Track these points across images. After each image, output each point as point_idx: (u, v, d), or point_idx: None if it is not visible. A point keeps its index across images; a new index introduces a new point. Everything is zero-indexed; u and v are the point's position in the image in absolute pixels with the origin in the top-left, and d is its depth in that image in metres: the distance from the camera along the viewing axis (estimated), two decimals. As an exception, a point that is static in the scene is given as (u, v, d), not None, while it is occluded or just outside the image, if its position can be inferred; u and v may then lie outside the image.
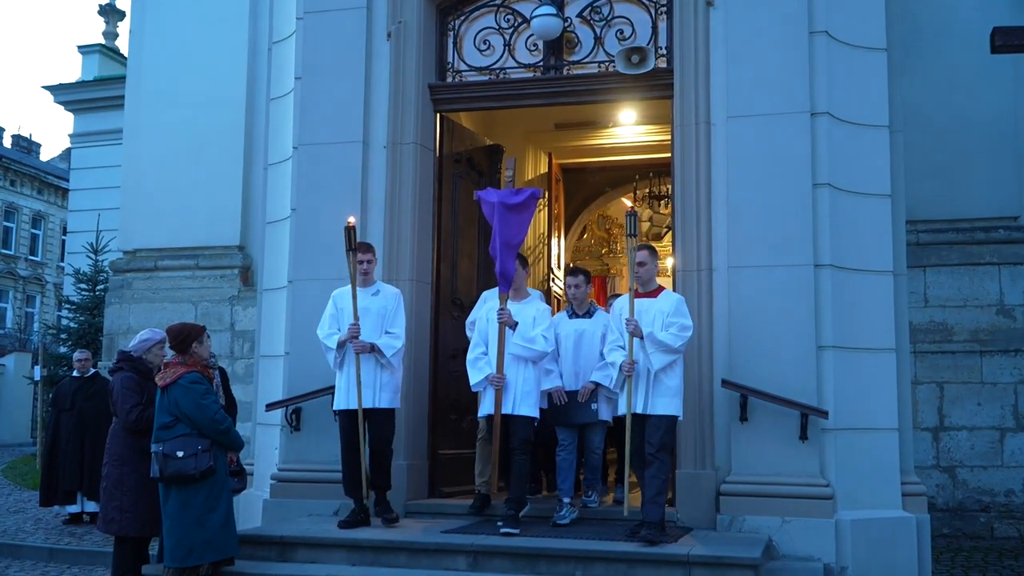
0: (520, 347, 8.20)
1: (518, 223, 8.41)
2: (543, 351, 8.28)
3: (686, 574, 7.08)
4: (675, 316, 7.68)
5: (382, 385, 8.35)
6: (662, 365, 7.59)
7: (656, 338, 7.57)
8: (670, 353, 7.60)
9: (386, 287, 8.68)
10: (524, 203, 8.41)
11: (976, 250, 11.59)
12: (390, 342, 8.36)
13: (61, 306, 21.16)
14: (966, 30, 11.63)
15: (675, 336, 7.59)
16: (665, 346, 7.56)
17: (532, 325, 8.31)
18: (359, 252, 8.38)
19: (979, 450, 11.26)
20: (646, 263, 7.87)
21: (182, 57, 13.30)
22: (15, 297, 45.20)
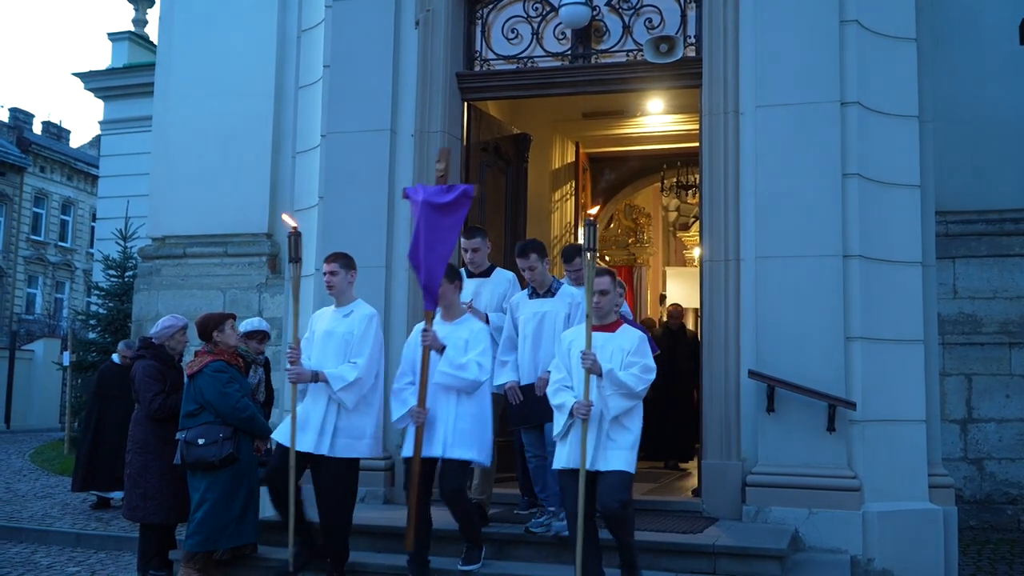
0: (447, 375, 6.91)
1: (447, 227, 7.15)
2: (476, 380, 6.94)
3: (711, 565, 7.09)
4: (637, 355, 6.59)
5: (336, 428, 7.12)
6: (619, 411, 6.47)
7: (617, 377, 6.44)
8: (630, 398, 6.49)
9: (362, 307, 7.42)
10: (455, 203, 7.14)
11: (1006, 241, 11.51)
12: (341, 373, 7.09)
13: (90, 292, 21.27)
14: (995, 22, 11.55)
15: (637, 378, 6.47)
16: (626, 388, 6.45)
17: (464, 349, 7.02)
18: (326, 263, 7.43)
19: (1007, 442, 11.19)
20: (608, 292, 6.71)
21: (211, 45, 13.34)
22: (45, 283, 45.57)
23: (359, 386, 7.11)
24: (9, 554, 9.96)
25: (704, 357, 8.50)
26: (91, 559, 9.80)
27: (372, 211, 9.18)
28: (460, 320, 7.27)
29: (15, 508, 12.22)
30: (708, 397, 8.41)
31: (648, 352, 6.67)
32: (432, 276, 7.04)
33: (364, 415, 7.21)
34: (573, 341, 6.72)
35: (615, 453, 6.47)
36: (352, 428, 7.14)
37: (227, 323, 7.86)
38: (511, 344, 7.78)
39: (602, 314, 6.71)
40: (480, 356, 7.00)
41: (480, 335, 7.14)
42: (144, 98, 17.35)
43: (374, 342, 7.25)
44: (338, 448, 7.10)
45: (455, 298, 7.32)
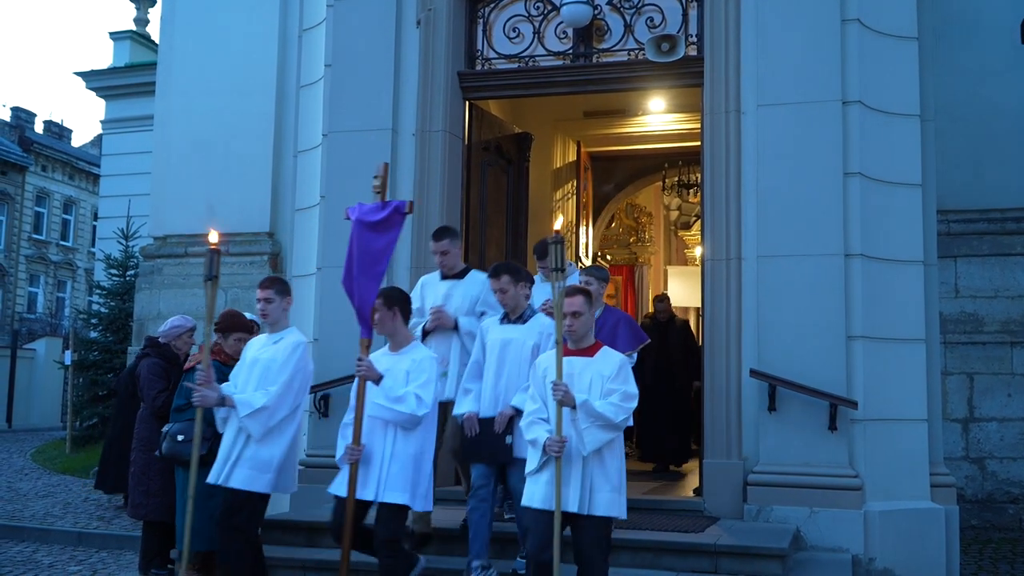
0: (381, 408, 6.32)
1: (380, 247, 6.67)
2: (412, 414, 6.27)
3: (713, 564, 7.09)
4: (617, 381, 5.93)
5: (239, 458, 6.68)
6: (597, 445, 5.82)
7: (593, 408, 5.80)
8: (609, 430, 5.82)
9: (291, 335, 6.98)
10: (387, 220, 6.68)
11: (1007, 240, 11.50)
12: (249, 399, 6.66)
13: (92, 291, 21.30)
14: (997, 20, 11.56)
15: (616, 407, 5.82)
16: (604, 419, 5.79)
17: (405, 380, 6.40)
18: (260, 289, 7.06)
19: (1009, 441, 11.18)
20: (581, 313, 6.06)
21: (212, 44, 13.32)
22: (46, 282, 45.60)
23: (267, 415, 6.64)
24: (11, 553, 9.97)
25: (705, 356, 8.49)
26: (92, 558, 9.81)
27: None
28: (405, 349, 6.63)
29: (17, 507, 12.23)
30: (709, 396, 8.41)
31: (630, 378, 6.01)
32: (364, 300, 6.57)
33: (272, 447, 6.70)
34: (548, 368, 6.04)
35: (603, 496, 5.85)
36: (257, 459, 6.67)
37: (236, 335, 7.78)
38: (477, 370, 7.06)
39: (577, 337, 6.08)
40: (421, 388, 6.33)
41: (423, 365, 6.46)
42: (146, 97, 17.34)
43: (294, 371, 6.79)
44: (235, 478, 6.64)
45: (396, 325, 6.64)
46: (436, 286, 7.68)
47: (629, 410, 5.87)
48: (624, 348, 7.43)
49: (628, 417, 5.86)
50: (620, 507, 5.95)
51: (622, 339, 7.69)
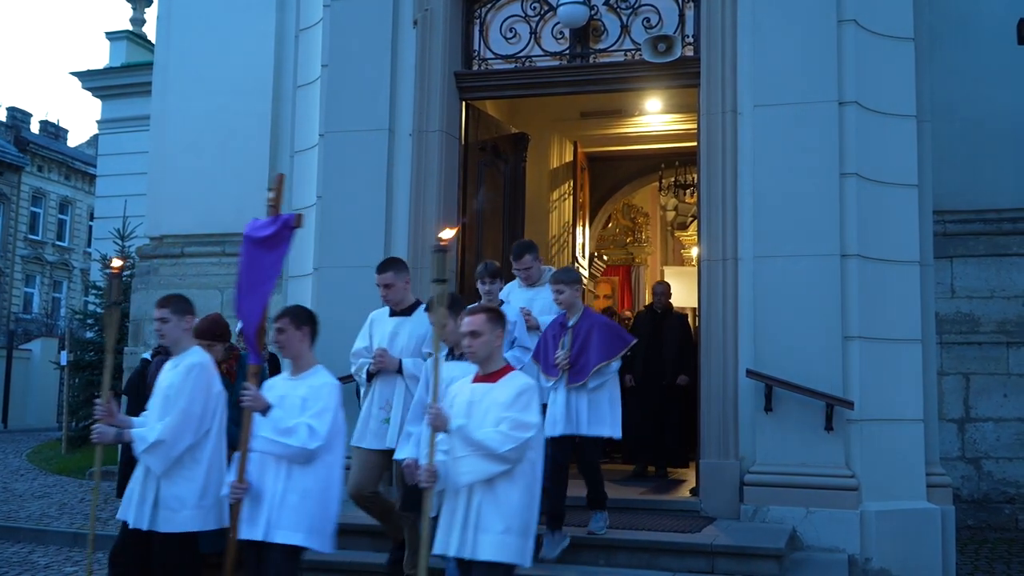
0: (267, 441, 5.62)
1: (268, 264, 6.02)
2: (302, 448, 5.54)
3: (709, 564, 7.10)
4: (513, 408, 5.11)
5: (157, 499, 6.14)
6: (477, 477, 5.05)
7: (470, 435, 5.06)
8: (493, 461, 5.01)
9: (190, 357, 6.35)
10: (276, 236, 5.99)
11: (1003, 241, 11.50)
12: (144, 433, 6.13)
13: (88, 291, 21.30)
14: (993, 21, 11.55)
15: (502, 436, 5.01)
16: (484, 448, 5.02)
17: (300, 409, 5.71)
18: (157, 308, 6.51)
19: (1005, 441, 11.19)
20: (480, 334, 5.31)
21: (209, 44, 13.32)
22: (42, 282, 45.55)
23: (165, 449, 6.04)
24: (6, 554, 9.95)
25: (702, 356, 8.50)
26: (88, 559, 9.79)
27: (370, 210, 9.19)
28: (305, 374, 5.91)
29: (12, 508, 12.20)
30: (706, 396, 8.41)
31: (532, 406, 5.18)
32: (250, 322, 5.97)
33: (182, 482, 6.13)
34: (458, 395, 5.42)
35: (490, 539, 5.02)
36: (169, 498, 6.10)
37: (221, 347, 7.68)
38: (420, 412, 6.06)
39: (477, 360, 5.37)
40: (315, 418, 5.63)
41: (321, 392, 5.76)
42: (142, 97, 17.31)
43: (192, 397, 6.15)
44: (160, 521, 6.10)
45: (303, 348, 5.96)
46: (384, 323, 7.23)
47: (519, 440, 4.99)
48: (596, 359, 7.26)
49: (518, 448, 4.99)
50: (517, 552, 5.04)
51: (594, 348, 7.28)
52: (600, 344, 7.32)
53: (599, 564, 7.29)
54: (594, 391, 7.30)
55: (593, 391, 7.29)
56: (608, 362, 7.33)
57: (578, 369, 7.28)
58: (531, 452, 5.12)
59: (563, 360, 7.29)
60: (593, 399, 7.29)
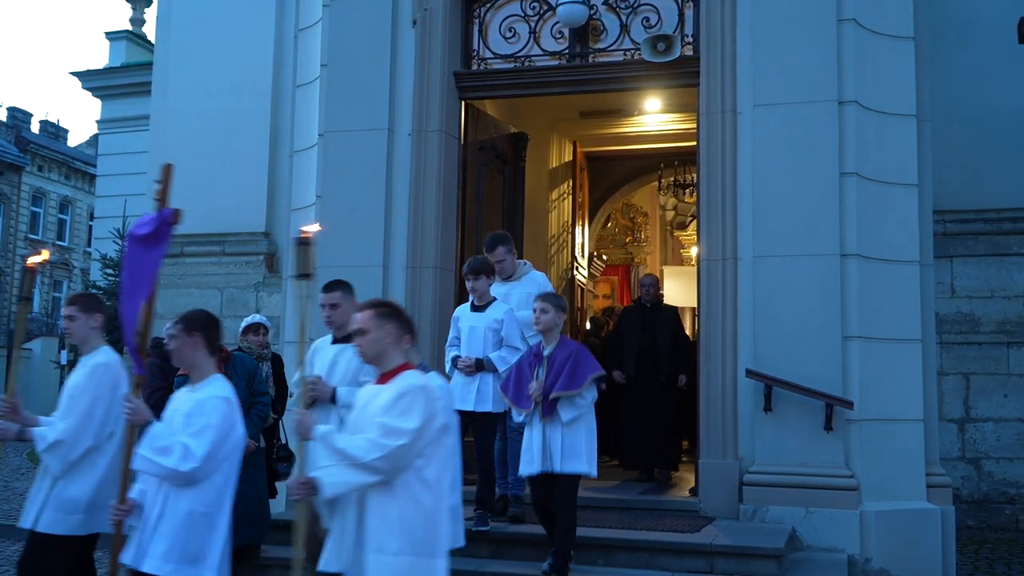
0: (142, 460, 4.95)
1: (149, 263, 5.49)
2: (173, 469, 4.88)
3: (709, 564, 7.09)
4: (389, 413, 4.57)
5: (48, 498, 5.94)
6: (341, 490, 4.56)
7: (333, 443, 4.59)
8: (358, 471, 4.49)
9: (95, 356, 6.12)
10: (156, 233, 5.44)
11: (1003, 240, 11.50)
12: (44, 432, 5.94)
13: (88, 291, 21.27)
14: (994, 20, 11.54)
15: (370, 444, 4.49)
16: (348, 458, 4.51)
17: (182, 426, 5.08)
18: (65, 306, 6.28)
19: (1005, 442, 11.18)
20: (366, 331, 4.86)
21: (209, 44, 13.32)
22: (42, 282, 45.50)
23: (64, 449, 5.81)
24: (8, 552, 9.95)
25: (701, 356, 8.49)
26: (88, 558, 9.78)
27: (369, 210, 9.18)
28: (199, 385, 5.28)
29: (13, 506, 12.19)
30: (705, 396, 8.40)
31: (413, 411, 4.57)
32: (130, 327, 5.39)
33: (78, 484, 5.85)
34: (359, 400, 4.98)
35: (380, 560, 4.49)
36: (62, 499, 5.85)
37: None
38: None
39: (367, 359, 4.91)
40: (193, 437, 4.95)
41: (205, 408, 5.08)
42: (142, 97, 17.30)
43: (95, 398, 5.91)
44: (43, 522, 5.87)
45: (196, 356, 5.34)
46: (325, 351, 6.64)
47: (386, 448, 4.46)
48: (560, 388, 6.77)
49: (387, 457, 4.46)
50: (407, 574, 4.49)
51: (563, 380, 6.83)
52: (570, 373, 6.85)
53: (598, 564, 7.28)
54: (569, 424, 6.80)
55: (569, 424, 6.80)
56: (572, 392, 6.78)
57: (551, 403, 6.83)
58: (421, 461, 4.56)
59: (536, 392, 6.84)
60: (568, 433, 6.81)
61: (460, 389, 7.58)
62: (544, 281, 8.39)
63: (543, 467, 6.84)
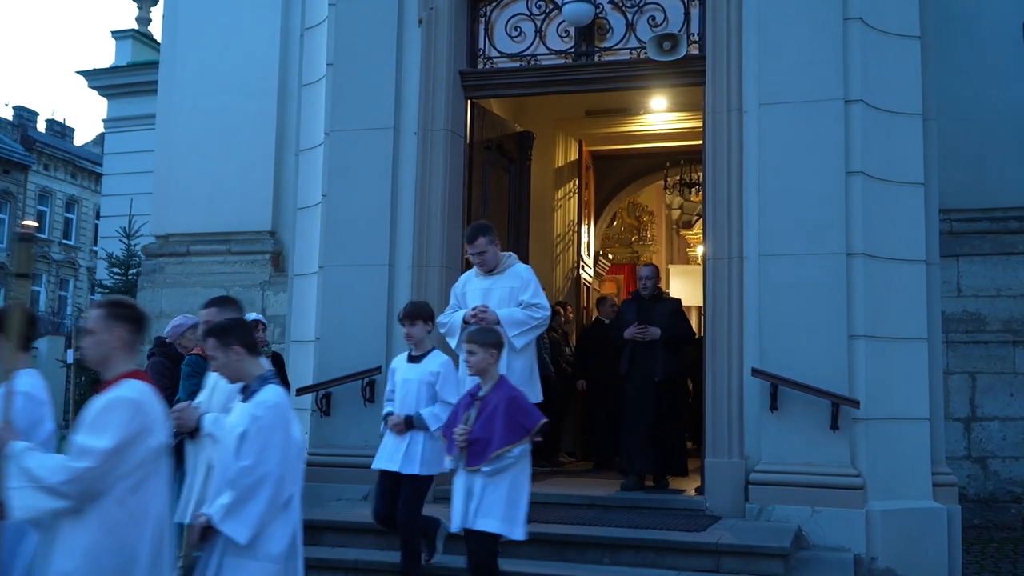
0: None
1: None
2: None
3: (715, 563, 7.09)
4: (84, 430, 4.09)
5: None
6: (26, 515, 4.08)
7: (20, 463, 4.08)
8: (45, 495, 4.00)
9: None
10: None
11: (1010, 239, 11.50)
12: None
13: (94, 290, 21.27)
14: (1000, 19, 11.56)
15: (58, 465, 4.04)
16: (34, 479, 4.03)
17: None
18: None
19: (1011, 441, 11.18)
20: (95, 332, 4.33)
21: (215, 43, 13.35)
22: (48, 281, 45.59)
23: None
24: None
25: (707, 355, 8.48)
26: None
27: (375, 209, 9.19)
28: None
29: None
30: (711, 395, 8.40)
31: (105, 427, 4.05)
32: None
33: None
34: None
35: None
36: None
37: None
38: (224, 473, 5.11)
39: (92, 363, 4.40)
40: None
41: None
42: (148, 96, 17.31)
43: None
44: None
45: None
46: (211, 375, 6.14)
47: (72, 470, 3.97)
48: (497, 443, 6.06)
49: (74, 481, 3.96)
50: None
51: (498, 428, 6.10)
52: (504, 424, 6.11)
53: (604, 563, 7.28)
54: (493, 476, 6.09)
55: (492, 476, 6.09)
56: (509, 447, 6.07)
57: (477, 450, 6.10)
58: (124, 485, 4.05)
59: (461, 437, 6.14)
60: (490, 486, 6.10)
61: (388, 448, 7.05)
62: (528, 275, 7.79)
63: (463, 522, 6.17)
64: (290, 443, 4.60)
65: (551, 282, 13.05)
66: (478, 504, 6.09)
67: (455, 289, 7.99)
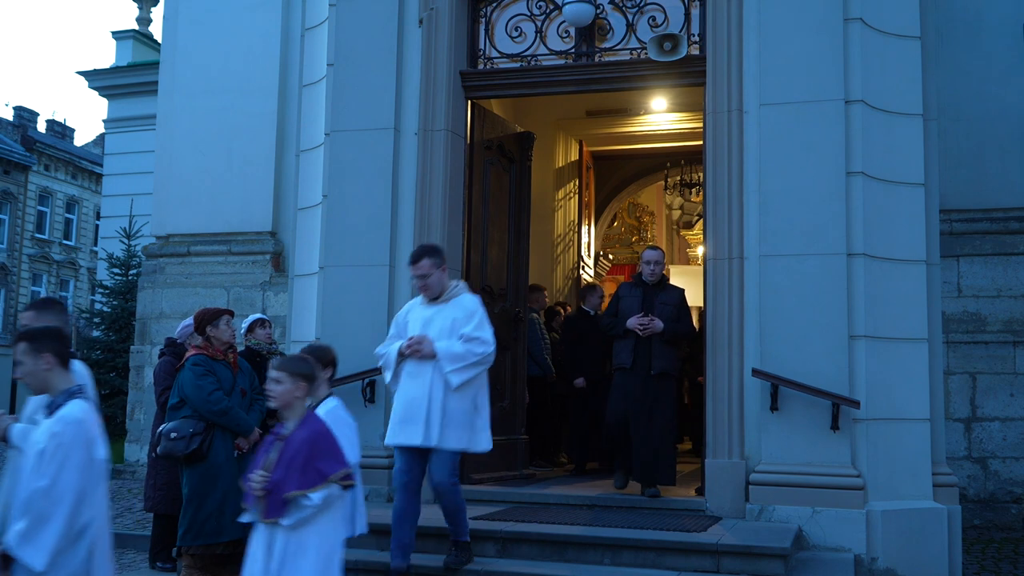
0: None
1: None
2: None
3: (715, 563, 7.09)
4: None
5: None
6: None
7: None
8: None
9: None
10: None
11: (1010, 239, 11.49)
12: None
13: (94, 290, 21.36)
14: (1000, 19, 11.56)
15: None
16: None
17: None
18: None
19: (1011, 441, 11.17)
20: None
21: (215, 43, 13.36)
22: (49, 281, 45.56)
23: None
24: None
25: (708, 355, 8.48)
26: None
27: (376, 209, 9.19)
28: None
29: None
30: (712, 395, 8.39)
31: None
32: None
33: None
34: None
35: None
36: None
37: (222, 319, 7.86)
38: None
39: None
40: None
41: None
42: (148, 96, 17.38)
43: None
44: None
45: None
46: None
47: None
48: (290, 487, 5.23)
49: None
50: None
51: (295, 471, 5.28)
52: (301, 467, 5.29)
53: (604, 563, 7.28)
54: (295, 529, 5.26)
55: (293, 529, 5.26)
56: (303, 492, 5.26)
57: (276, 500, 5.25)
58: None
59: (257, 484, 5.28)
60: (293, 543, 5.27)
61: None
62: (474, 306, 7.09)
63: None
64: (92, 463, 4.41)
65: (552, 282, 13.06)
66: (279, 566, 5.23)
67: (397, 318, 7.33)
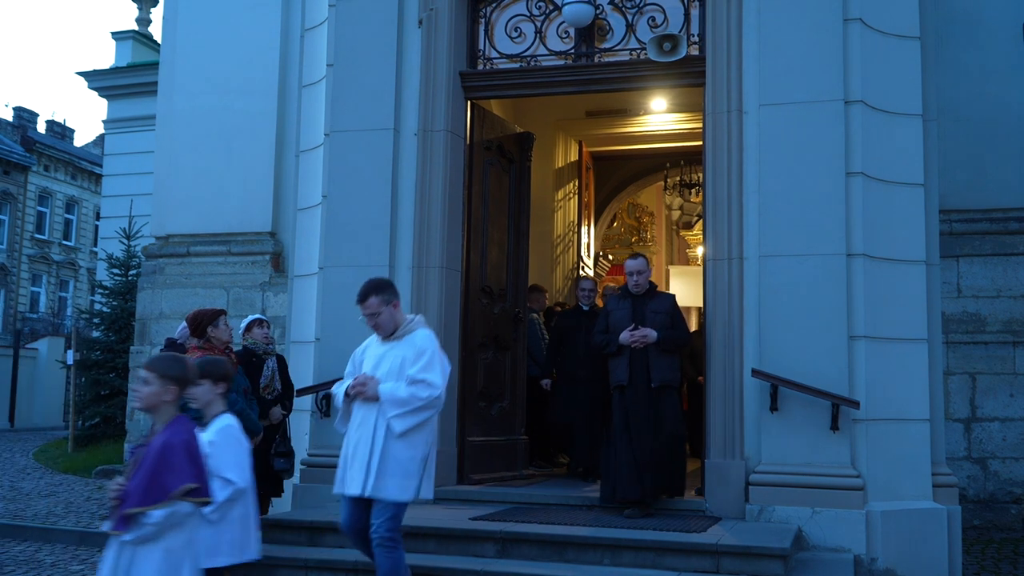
0: None
1: None
2: None
3: (715, 563, 7.08)
4: None
5: None
6: None
7: None
8: None
9: None
10: None
11: (1010, 240, 11.49)
12: None
13: (94, 291, 21.38)
14: (1000, 20, 11.57)
15: None
16: None
17: None
18: None
19: (1011, 441, 11.17)
20: None
21: (215, 44, 13.36)
22: (48, 282, 45.61)
23: None
24: (13, 552, 9.97)
25: (708, 356, 8.48)
26: (95, 557, 9.78)
27: (375, 210, 9.19)
28: None
29: (19, 506, 12.23)
30: (711, 396, 8.39)
31: None
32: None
33: None
34: None
35: None
36: None
37: (220, 319, 7.86)
38: None
39: None
40: None
41: None
42: (148, 97, 17.39)
43: None
44: None
45: None
46: None
47: None
48: (133, 501, 4.71)
49: None
50: None
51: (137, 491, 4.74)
52: (147, 478, 4.73)
53: (604, 564, 7.27)
54: (141, 548, 4.75)
55: (139, 547, 4.75)
56: (143, 508, 4.68)
57: (123, 512, 4.75)
58: None
59: (111, 492, 4.81)
60: (138, 563, 4.75)
61: None
62: (425, 344, 6.42)
63: None
64: None
65: (551, 283, 13.06)
66: None
67: (354, 355, 6.76)
